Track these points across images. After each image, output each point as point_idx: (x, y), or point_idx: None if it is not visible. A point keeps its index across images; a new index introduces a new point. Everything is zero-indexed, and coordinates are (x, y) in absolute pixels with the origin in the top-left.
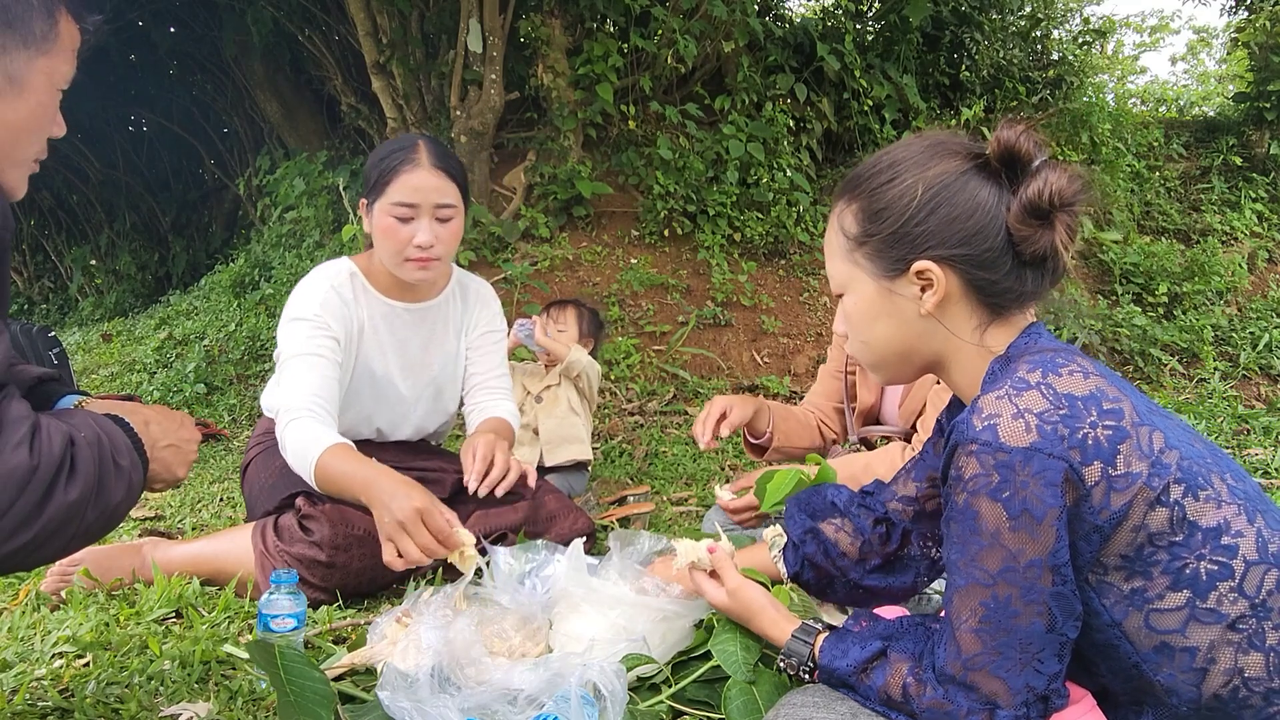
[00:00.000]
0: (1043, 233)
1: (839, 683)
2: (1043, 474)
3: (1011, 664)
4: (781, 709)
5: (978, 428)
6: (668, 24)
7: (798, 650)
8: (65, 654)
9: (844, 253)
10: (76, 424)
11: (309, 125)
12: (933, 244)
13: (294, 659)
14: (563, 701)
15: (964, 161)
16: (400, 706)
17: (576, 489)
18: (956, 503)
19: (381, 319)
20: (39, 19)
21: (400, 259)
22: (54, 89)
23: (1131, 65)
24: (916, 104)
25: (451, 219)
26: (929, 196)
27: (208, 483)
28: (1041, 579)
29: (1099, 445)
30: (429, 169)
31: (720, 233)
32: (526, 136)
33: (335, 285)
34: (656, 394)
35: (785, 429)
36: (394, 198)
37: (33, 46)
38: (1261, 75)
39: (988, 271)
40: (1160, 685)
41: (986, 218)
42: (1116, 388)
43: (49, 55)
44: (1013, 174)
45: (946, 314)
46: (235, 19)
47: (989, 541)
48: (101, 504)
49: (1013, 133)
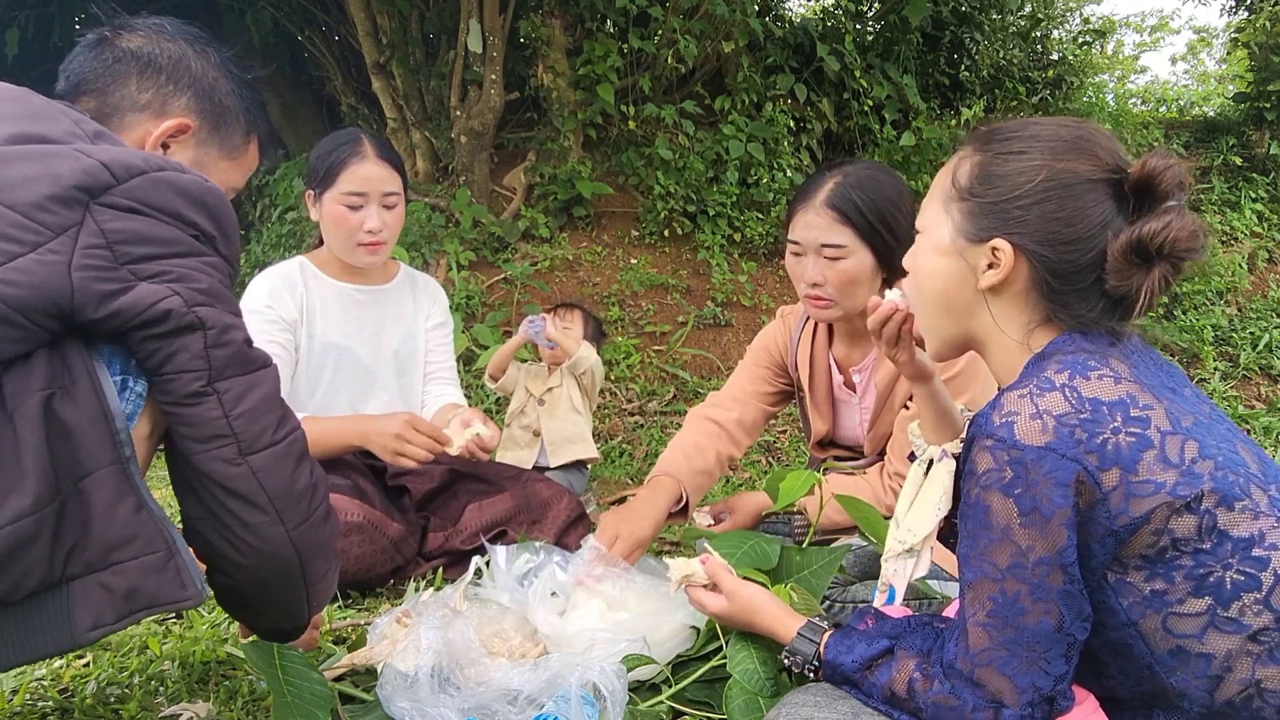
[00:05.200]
0: (1137, 273)
1: (843, 679)
2: (1054, 474)
3: (1018, 662)
4: (783, 708)
5: (995, 423)
6: (668, 24)
7: (802, 648)
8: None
9: (943, 198)
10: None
11: (309, 125)
12: (1021, 231)
13: (293, 659)
14: (563, 701)
15: (1098, 170)
16: (400, 707)
17: (577, 487)
18: (969, 496)
19: (334, 299)
20: (238, 135)
21: (352, 244)
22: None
23: (1131, 65)
24: (916, 104)
25: (396, 205)
26: (1043, 187)
27: None
28: (1050, 577)
29: (1119, 451)
30: (375, 160)
31: (720, 233)
32: (526, 136)
33: (282, 274)
34: (656, 394)
35: (698, 497)
36: (344, 187)
37: (225, 152)
38: (1261, 75)
39: (1060, 281)
40: (1173, 688)
41: (1087, 232)
42: (1151, 395)
43: (232, 164)
44: (1140, 204)
45: (1000, 299)
46: (235, 19)
47: (999, 536)
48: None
49: (1162, 163)
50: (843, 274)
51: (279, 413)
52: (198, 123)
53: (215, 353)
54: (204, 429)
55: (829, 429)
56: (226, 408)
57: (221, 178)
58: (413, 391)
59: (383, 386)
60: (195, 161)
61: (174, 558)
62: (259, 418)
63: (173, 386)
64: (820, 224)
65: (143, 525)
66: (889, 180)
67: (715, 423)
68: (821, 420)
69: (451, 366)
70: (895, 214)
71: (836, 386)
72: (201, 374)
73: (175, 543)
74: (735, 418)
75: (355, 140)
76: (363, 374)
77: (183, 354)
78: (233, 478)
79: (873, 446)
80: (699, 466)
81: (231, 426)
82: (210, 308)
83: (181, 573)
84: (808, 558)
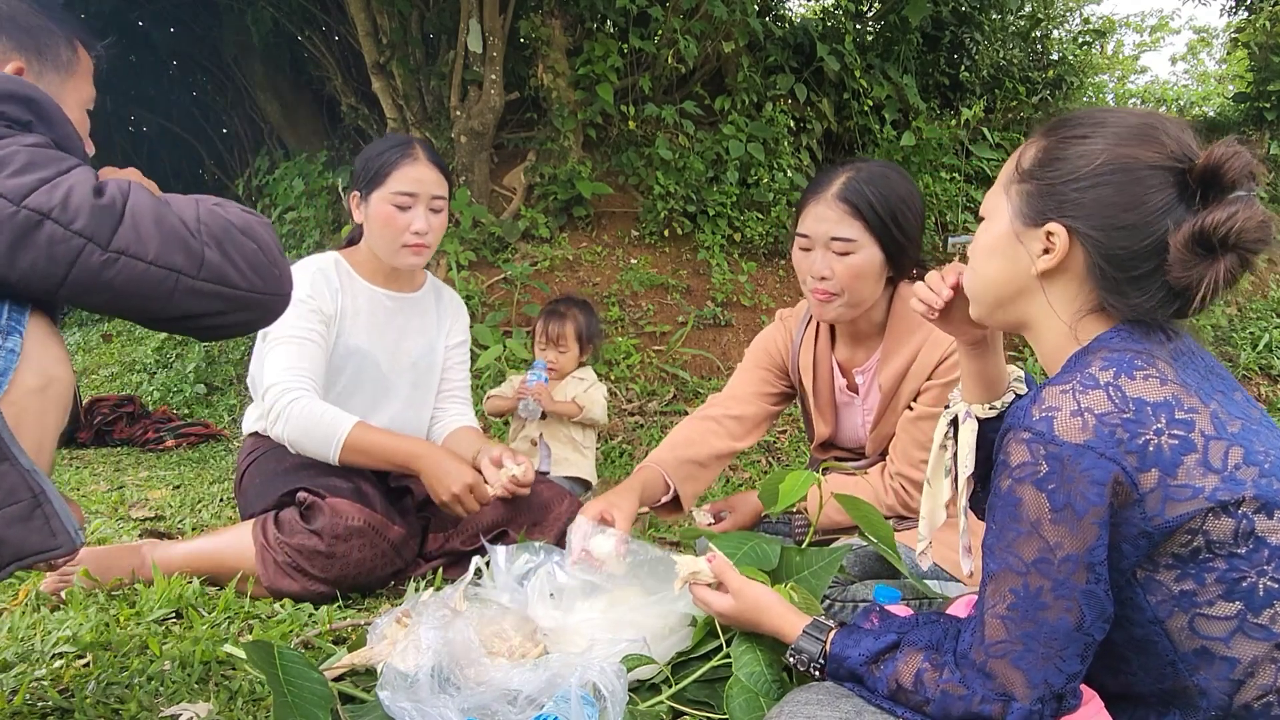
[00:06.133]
0: (1200, 265)
1: (848, 675)
2: (1090, 473)
3: (1034, 657)
4: (785, 706)
5: (1035, 417)
6: (668, 24)
7: (808, 646)
8: (65, 654)
9: (1006, 181)
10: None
11: (309, 125)
12: (1076, 214)
13: (293, 659)
14: (563, 701)
15: (1162, 157)
16: (400, 706)
17: (576, 489)
18: (1000, 488)
19: (365, 302)
20: (63, 48)
21: (397, 245)
22: (82, 108)
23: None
24: (916, 104)
25: (442, 210)
26: (1102, 170)
27: (208, 483)
28: (1075, 575)
29: (1160, 453)
30: (426, 163)
31: (720, 233)
32: (526, 137)
33: (320, 268)
34: (656, 394)
35: (690, 489)
36: (395, 187)
37: (62, 71)
38: (1261, 75)
39: (1115, 268)
40: (1194, 686)
41: (1144, 219)
42: (1197, 398)
43: (75, 78)
44: (1205, 193)
45: (1055, 284)
46: (235, 19)
47: (1027, 530)
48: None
49: (1229, 151)
50: (850, 268)
51: (175, 219)
52: (25, 59)
53: (78, 225)
54: (145, 287)
55: (831, 432)
56: (143, 257)
57: (74, 96)
58: (424, 405)
59: (396, 396)
60: None
61: (40, 506)
62: (173, 240)
63: (82, 280)
64: (831, 217)
65: (4, 477)
66: (901, 179)
67: (710, 419)
68: (824, 423)
69: (467, 386)
70: (905, 212)
71: (839, 389)
72: (90, 248)
73: (44, 491)
74: (733, 414)
75: (407, 143)
76: (379, 381)
77: (57, 248)
78: (208, 301)
79: (875, 447)
80: (686, 456)
81: (164, 266)
82: (38, 192)
83: (50, 521)
84: (808, 558)
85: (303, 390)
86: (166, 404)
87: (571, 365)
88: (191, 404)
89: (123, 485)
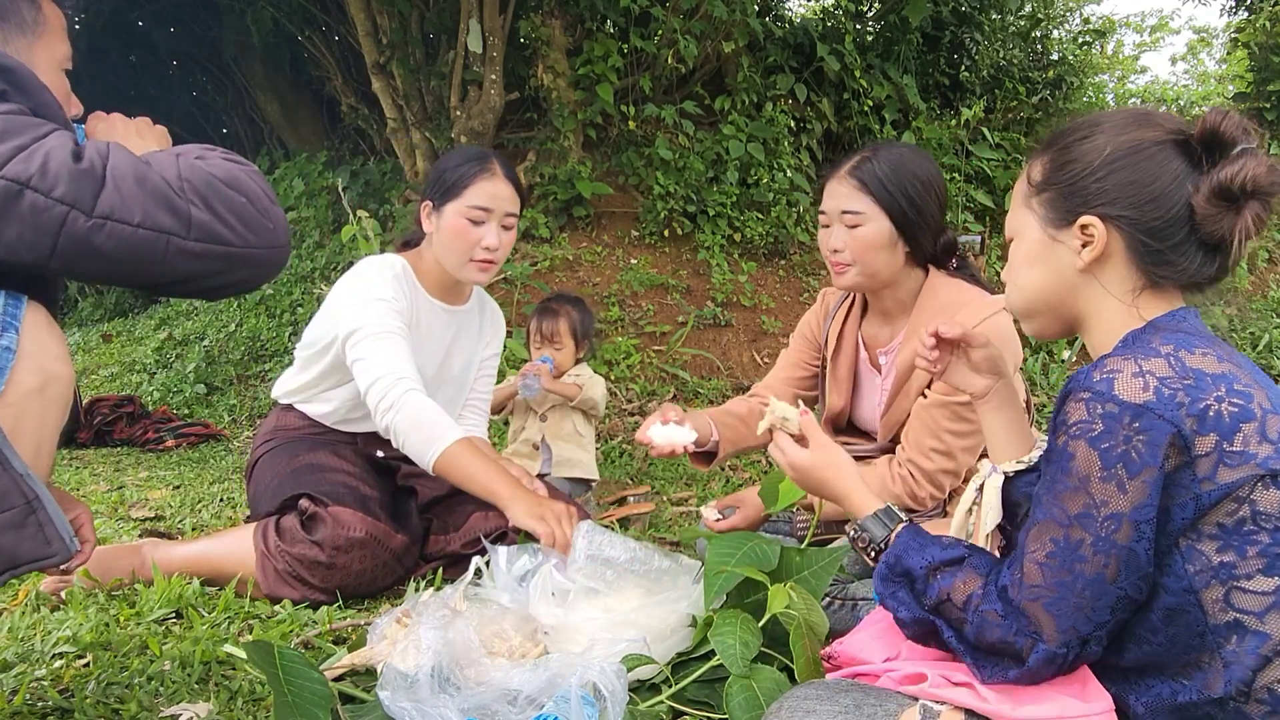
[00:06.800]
0: (1227, 216)
1: (901, 572)
2: (1148, 432)
3: (1065, 605)
4: (785, 701)
5: (1095, 378)
6: (668, 24)
7: (874, 529)
8: (65, 654)
9: (1023, 199)
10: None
11: (309, 125)
12: (1104, 202)
13: (293, 659)
14: (563, 701)
15: (1162, 134)
16: (400, 707)
17: (577, 490)
18: (1055, 444)
19: (425, 313)
20: (25, 6)
21: (465, 259)
22: (58, 69)
23: (1131, 65)
24: (916, 104)
25: (512, 228)
26: (1115, 156)
27: (208, 483)
28: (1118, 533)
29: (1220, 419)
30: (503, 180)
31: (720, 233)
32: (526, 136)
33: (394, 272)
34: (656, 394)
35: (731, 436)
36: (471, 201)
37: (28, 32)
38: (1261, 75)
39: (1154, 239)
40: (1220, 660)
41: (1166, 189)
42: (1251, 376)
43: (44, 37)
44: (1211, 156)
45: (1104, 271)
46: (235, 19)
47: (1076, 485)
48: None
49: (1219, 116)
50: (859, 239)
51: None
52: None
53: (58, 192)
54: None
55: (845, 404)
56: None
57: (47, 57)
58: (451, 415)
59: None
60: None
61: (34, 513)
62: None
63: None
64: (842, 192)
65: None
66: (915, 156)
67: (751, 395)
68: (838, 394)
69: (487, 399)
70: (916, 185)
71: (861, 362)
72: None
73: (39, 497)
74: (773, 390)
75: (486, 158)
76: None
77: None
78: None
79: (885, 433)
80: (729, 409)
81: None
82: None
83: (45, 528)
84: (808, 558)
85: (414, 383)
86: (166, 404)
87: (569, 362)
88: (191, 404)
89: (123, 485)
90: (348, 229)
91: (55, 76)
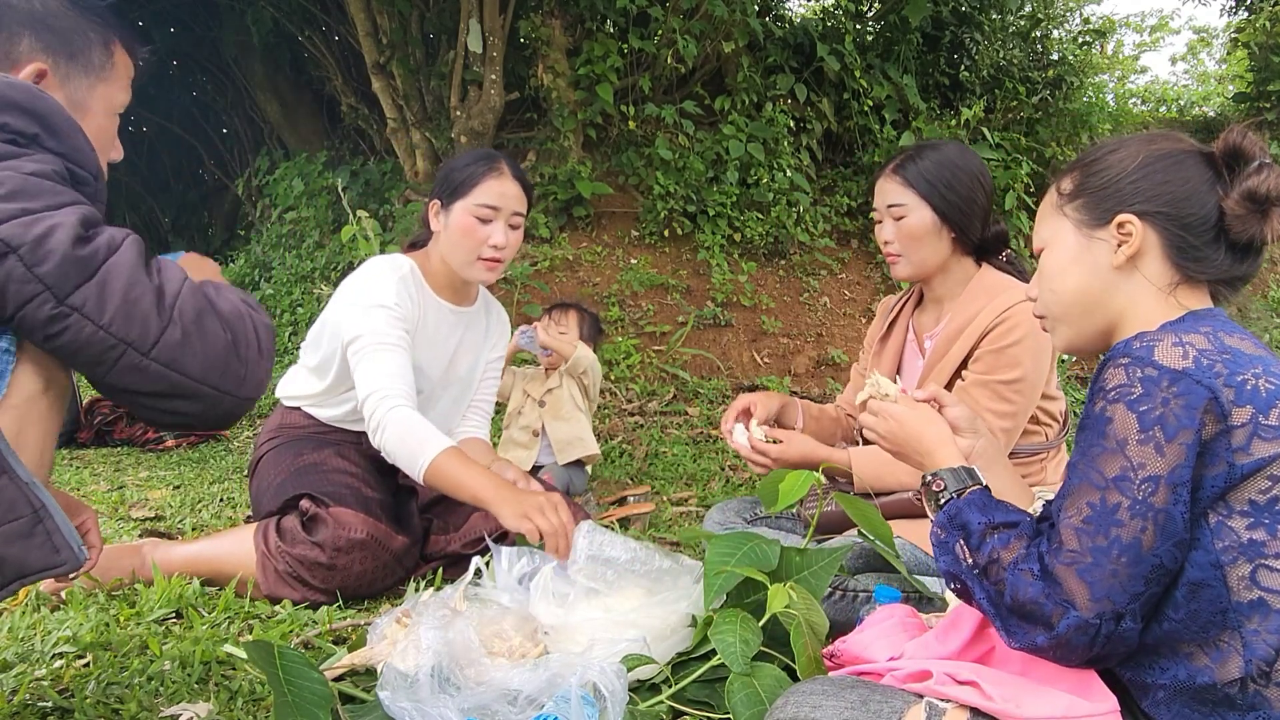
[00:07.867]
0: (1256, 220)
1: (959, 525)
2: (1186, 396)
3: (1100, 572)
4: (791, 696)
5: (1135, 346)
6: (668, 24)
7: (950, 481)
8: (65, 654)
9: (1053, 209)
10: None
11: (309, 125)
12: (1140, 200)
13: (293, 659)
14: (563, 701)
15: (1189, 146)
16: (400, 707)
17: (577, 486)
18: (1092, 410)
19: (433, 314)
20: (97, 51)
21: (473, 257)
22: (112, 114)
23: (1131, 65)
24: (916, 104)
25: (519, 227)
26: (1149, 160)
27: (208, 483)
28: (1155, 496)
29: (1257, 392)
30: (512, 179)
31: (720, 233)
32: (526, 137)
33: (401, 276)
34: (656, 394)
35: (817, 428)
36: (479, 199)
37: (93, 75)
38: (1261, 75)
39: (1191, 234)
40: (1240, 638)
41: (1198, 190)
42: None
43: (107, 83)
44: (1233, 169)
45: (1142, 266)
46: (235, 19)
47: (1113, 448)
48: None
49: (1238, 134)
50: (904, 230)
51: (150, 290)
52: (51, 61)
53: (42, 270)
54: (89, 351)
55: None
56: (95, 320)
57: (103, 101)
58: (456, 417)
59: (434, 408)
60: (70, 101)
61: (41, 522)
62: (134, 311)
63: (27, 323)
64: (887, 188)
65: (2, 491)
66: (958, 151)
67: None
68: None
69: (491, 401)
70: (960, 175)
71: (908, 344)
72: (44, 297)
73: (45, 506)
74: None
75: (495, 158)
76: (425, 394)
77: (13, 286)
78: (152, 381)
79: None
80: (821, 408)
81: (115, 335)
82: (13, 222)
83: (53, 537)
84: (808, 558)
85: (401, 400)
86: None
87: (569, 349)
88: None
89: (123, 485)
90: (348, 229)
91: (106, 120)
